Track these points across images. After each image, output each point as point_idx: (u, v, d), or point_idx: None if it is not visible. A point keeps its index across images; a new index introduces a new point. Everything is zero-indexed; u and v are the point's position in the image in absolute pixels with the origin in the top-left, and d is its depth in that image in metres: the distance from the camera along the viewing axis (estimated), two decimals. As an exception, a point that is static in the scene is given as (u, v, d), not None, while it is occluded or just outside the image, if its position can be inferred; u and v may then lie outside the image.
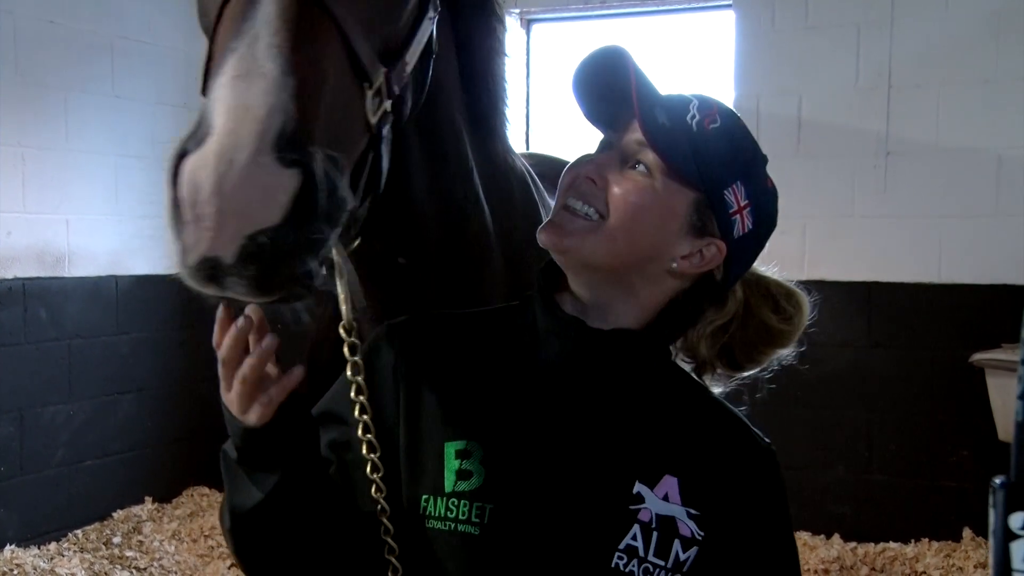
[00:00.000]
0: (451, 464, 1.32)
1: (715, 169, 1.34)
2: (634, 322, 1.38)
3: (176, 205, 1.01)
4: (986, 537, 4.87)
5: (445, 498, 1.30)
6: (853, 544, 5.12)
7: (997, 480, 0.90)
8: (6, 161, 4.79)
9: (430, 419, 1.36)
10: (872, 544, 5.08)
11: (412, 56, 1.32)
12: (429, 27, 1.37)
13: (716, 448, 1.39)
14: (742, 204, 1.37)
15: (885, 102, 5.17)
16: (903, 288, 5.16)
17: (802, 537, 5.18)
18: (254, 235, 0.98)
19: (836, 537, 5.20)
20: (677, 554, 1.30)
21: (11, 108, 4.79)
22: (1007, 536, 0.96)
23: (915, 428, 5.15)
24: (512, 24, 5.96)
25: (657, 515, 1.31)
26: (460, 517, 1.29)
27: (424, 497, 1.32)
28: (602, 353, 1.36)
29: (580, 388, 1.36)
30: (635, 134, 1.31)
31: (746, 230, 1.39)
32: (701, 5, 5.84)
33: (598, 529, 1.30)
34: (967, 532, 4.97)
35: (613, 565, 1.28)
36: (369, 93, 1.18)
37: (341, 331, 1.29)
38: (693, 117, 1.34)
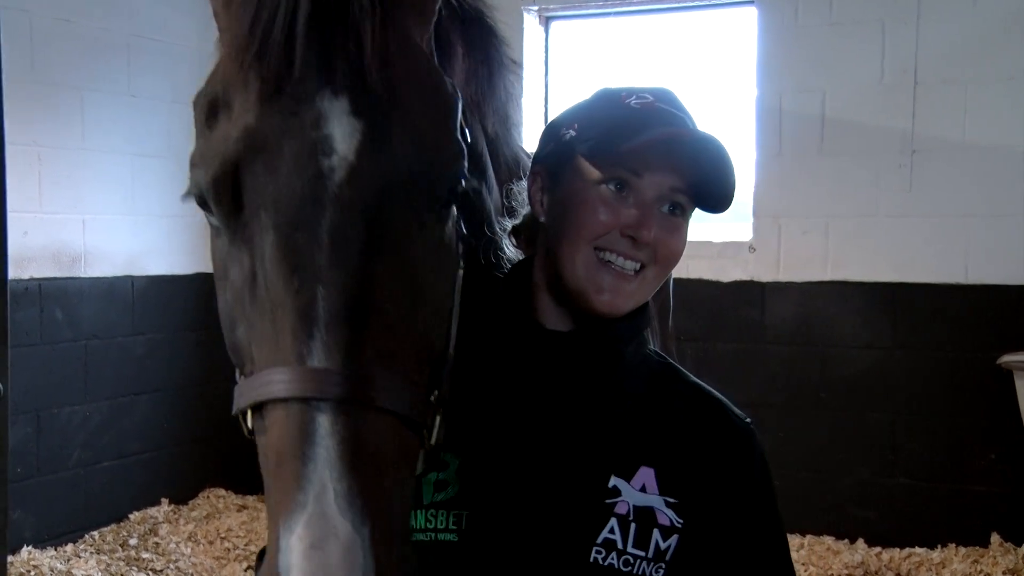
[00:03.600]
0: (428, 477, 1.35)
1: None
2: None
3: None
4: (1015, 543, 4.80)
5: (424, 510, 1.33)
6: (878, 549, 5.05)
7: None
8: (22, 161, 4.77)
9: None
10: (897, 549, 5.01)
11: (450, 351, 1.27)
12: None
13: (692, 434, 1.41)
14: None
15: (911, 99, 5.09)
16: (929, 289, 5.08)
17: (825, 541, 5.12)
18: None
19: (860, 542, 5.12)
20: (657, 543, 1.33)
21: (27, 107, 4.76)
22: None
23: (941, 431, 5.07)
24: (531, 22, 5.91)
25: (634, 507, 1.33)
26: (439, 527, 1.32)
27: None
28: (571, 354, 1.38)
29: (550, 389, 1.38)
30: (670, 179, 1.33)
31: None
32: (723, 1, 5.78)
33: (574, 525, 1.32)
34: (995, 537, 4.89)
35: (592, 560, 1.30)
36: (425, 433, 1.16)
37: None
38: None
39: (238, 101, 1.12)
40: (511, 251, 1.51)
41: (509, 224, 1.52)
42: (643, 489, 1.34)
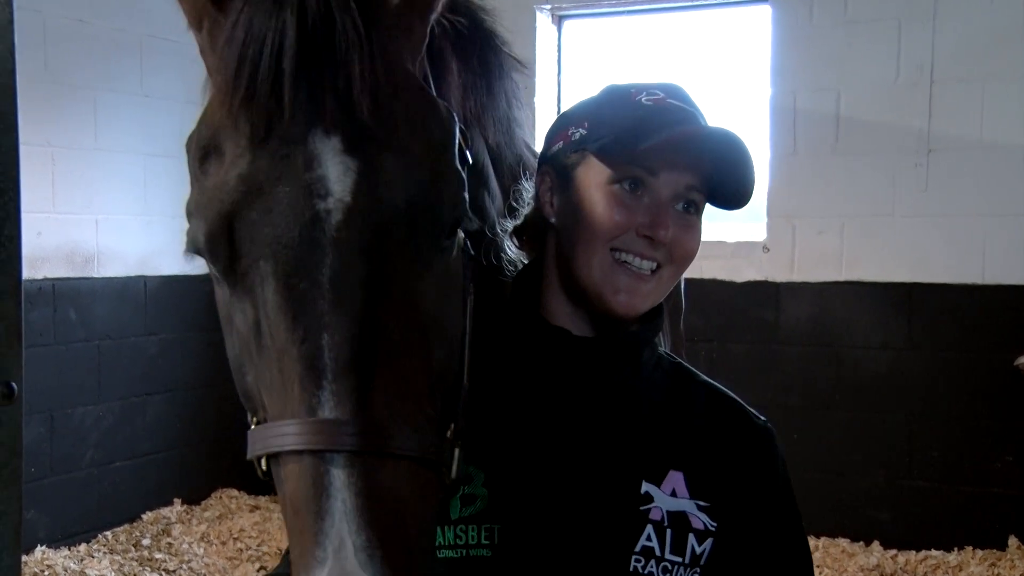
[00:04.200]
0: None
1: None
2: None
3: None
4: (1033, 546, 4.75)
5: (452, 526, 1.30)
6: (893, 551, 5.00)
7: None
8: (36, 161, 4.77)
9: None
10: (913, 552, 4.96)
11: (465, 380, 1.25)
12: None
13: (716, 436, 1.40)
14: None
15: (927, 98, 5.04)
16: (945, 289, 5.03)
17: (840, 544, 5.08)
18: None
19: (876, 544, 5.08)
20: (693, 548, 1.31)
21: (40, 107, 4.77)
22: None
23: (957, 432, 5.02)
24: (543, 20, 5.88)
25: (668, 512, 1.31)
26: (470, 542, 1.29)
27: None
28: (598, 359, 1.36)
29: (574, 396, 1.36)
30: (686, 177, 1.31)
31: None
32: (737, 0, 5.74)
33: (612, 535, 1.29)
34: (1013, 540, 4.84)
35: (632, 569, 1.28)
36: (444, 470, 1.15)
37: None
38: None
39: (229, 147, 1.10)
40: (512, 252, 1.48)
41: (510, 225, 1.49)
42: (673, 493, 1.33)
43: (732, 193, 1.35)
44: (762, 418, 1.45)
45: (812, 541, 5.05)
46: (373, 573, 0.97)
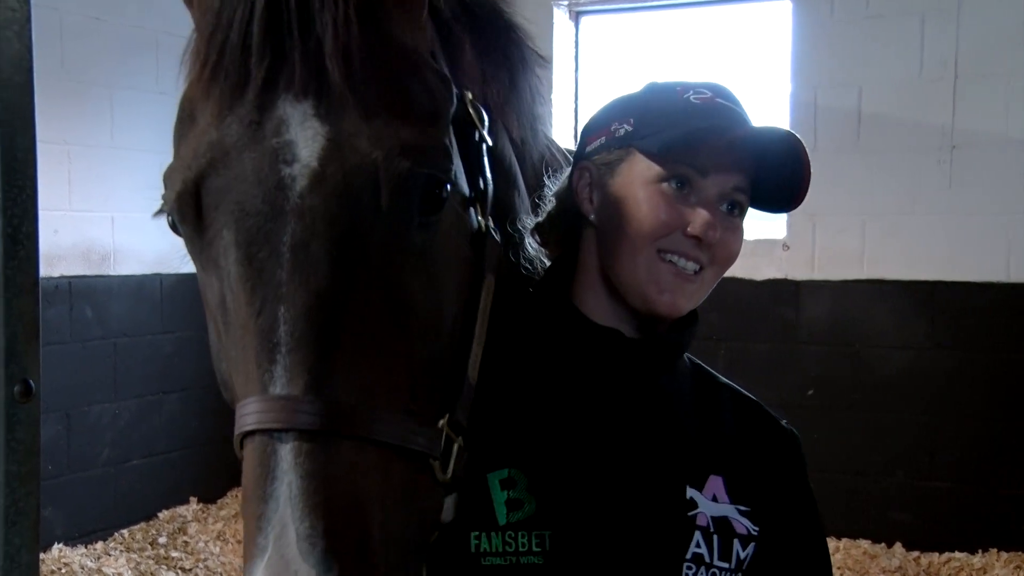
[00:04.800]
0: (498, 496, 1.26)
1: None
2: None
3: None
4: (1059, 548, 4.68)
5: (501, 532, 1.24)
6: (916, 553, 4.95)
7: None
8: (52, 159, 4.77)
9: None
10: (936, 554, 4.90)
11: (477, 357, 1.18)
12: (491, 292, 1.22)
13: (748, 441, 1.39)
14: None
15: (950, 93, 4.98)
16: (968, 287, 4.96)
17: (862, 545, 5.03)
18: None
19: (898, 546, 5.02)
20: (738, 553, 1.30)
21: (57, 105, 4.77)
22: None
23: (981, 433, 4.96)
24: (561, 16, 5.84)
25: (712, 518, 1.30)
26: (520, 549, 1.24)
27: (474, 534, 1.25)
28: (644, 361, 1.34)
29: (617, 398, 1.33)
30: (735, 179, 1.29)
31: None
32: (756, -5, 5.69)
33: (663, 542, 1.27)
34: (1038, 542, 4.78)
35: None
36: (436, 464, 1.07)
37: None
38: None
39: (201, 115, 1.06)
40: (531, 250, 1.43)
41: (531, 222, 1.45)
42: (714, 499, 1.31)
43: (787, 195, 1.34)
44: (784, 421, 1.45)
45: (833, 543, 5.03)
46: (315, 564, 0.90)
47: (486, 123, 1.25)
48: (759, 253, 5.37)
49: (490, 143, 1.26)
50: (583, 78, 5.99)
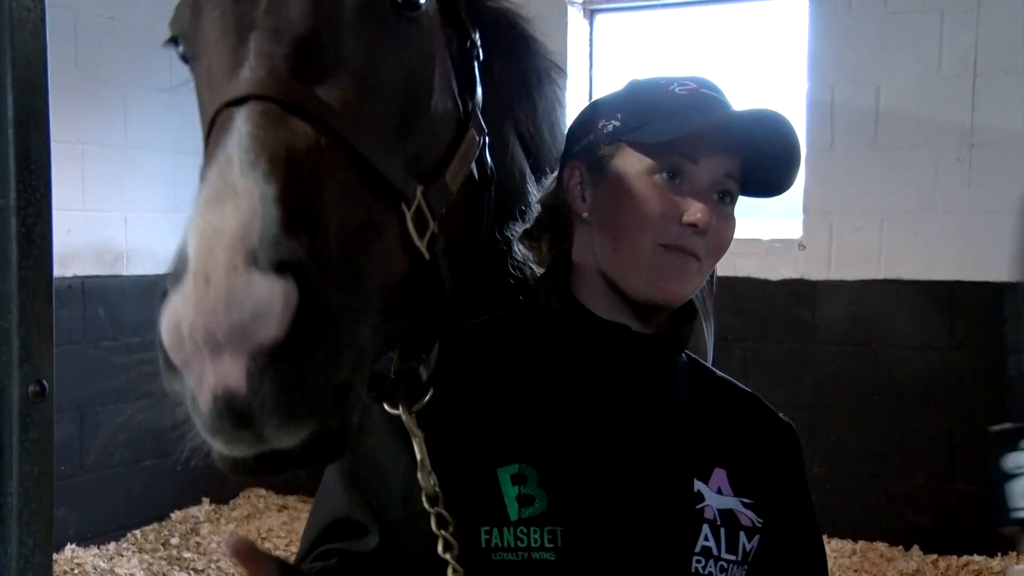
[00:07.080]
0: (509, 491, 1.26)
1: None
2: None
3: (169, 363, 0.95)
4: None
5: (512, 527, 1.25)
6: (934, 556, 4.89)
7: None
8: (66, 158, 4.76)
9: (471, 447, 1.29)
10: (954, 557, 4.85)
11: (456, 175, 1.24)
12: (473, 145, 1.30)
13: (748, 433, 1.41)
14: None
15: (970, 91, 4.92)
16: (988, 287, 4.90)
17: (879, 548, 4.98)
18: (259, 353, 0.88)
19: (915, 548, 4.97)
20: (744, 546, 1.32)
21: (71, 104, 4.76)
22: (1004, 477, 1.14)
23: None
24: (575, 15, 5.81)
25: (719, 511, 1.32)
26: (532, 545, 1.24)
27: (484, 529, 1.25)
28: (650, 356, 1.35)
29: (623, 393, 1.34)
30: (725, 164, 1.30)
31: None
32: (772, -8, 5.65)
33: (673, 535, 1.29)
34: (1058, 546, 4.71)
35: (693, 570, 1.27)
36: (409, 213, 1.09)
37: (424, 503, 1.22)
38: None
39: None
40: (519, 256, 1.47)
41: (519, 229, 1.48)
42: (719, 491, 1.33)
43: (775, 177, 1.35)
44: (781, 414, 1.47)
45: (849, 545, 4.99)
46: (255, 178, 0.91)
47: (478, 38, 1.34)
48: (775, 253, 5.32)
49: (482, 57, 1.35)
50: (598, 77, 5.95)
